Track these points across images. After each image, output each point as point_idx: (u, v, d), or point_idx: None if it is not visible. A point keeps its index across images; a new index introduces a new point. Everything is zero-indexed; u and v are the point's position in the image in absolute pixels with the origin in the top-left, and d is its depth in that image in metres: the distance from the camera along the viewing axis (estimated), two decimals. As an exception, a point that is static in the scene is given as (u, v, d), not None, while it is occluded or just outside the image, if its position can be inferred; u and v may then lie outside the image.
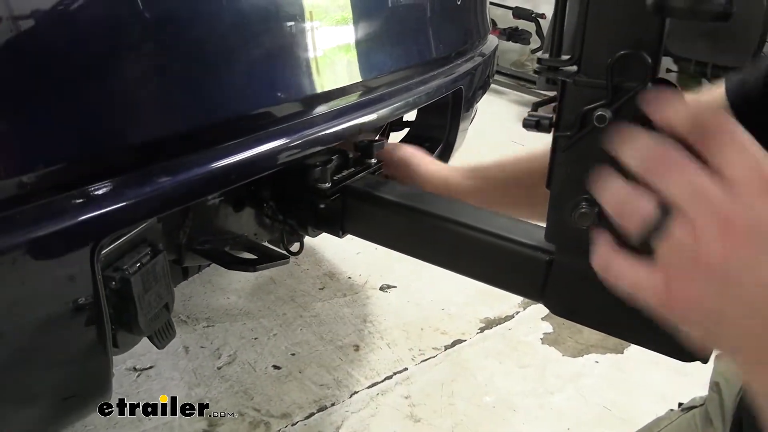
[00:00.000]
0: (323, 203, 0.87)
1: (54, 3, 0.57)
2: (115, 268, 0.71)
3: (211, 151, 0.68)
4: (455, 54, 1.28)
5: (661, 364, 2.19)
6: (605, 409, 1.99)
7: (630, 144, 0.44)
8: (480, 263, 0.76)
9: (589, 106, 0.50)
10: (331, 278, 2.54)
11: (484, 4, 1.58)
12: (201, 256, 0.95)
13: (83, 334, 0.67)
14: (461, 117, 1.34)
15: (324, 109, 0.84)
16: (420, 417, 1.89)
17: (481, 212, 0.78)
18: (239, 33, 0.73)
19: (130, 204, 0.61)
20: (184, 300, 2.33)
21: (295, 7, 0.81)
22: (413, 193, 0.86)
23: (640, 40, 0.48)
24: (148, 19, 0.64)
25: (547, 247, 0.66)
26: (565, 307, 0.66)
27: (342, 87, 0.88)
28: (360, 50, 0.92)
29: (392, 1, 1.01)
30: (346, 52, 0.89)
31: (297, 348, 2.13)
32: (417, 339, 2.23)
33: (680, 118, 0.42)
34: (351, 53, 0.90)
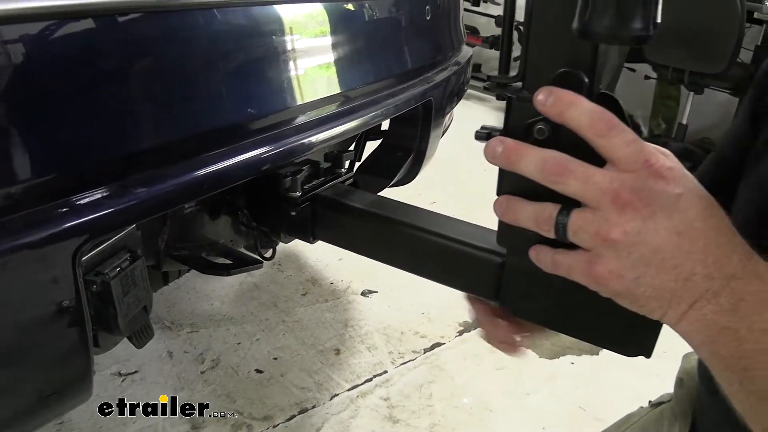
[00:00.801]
0: (294, 211, 0.91)
1: (38, 29, 0.62)
2: (96, 273, 0.76)
3: (184, 164, 0.74)
4: (424, 67, 1.33)
5: (636, 366, 2.23)
6: (580, 409, 2.05)
7: (524, 159, 0.50)
8: (439, 266, 0.81)
9: (531, 120, 0.54)
10: (313, 284, 2.59)
11: (456, 16, 1.63)
12: (178, 262, 1.00)
13: (65, 334, 0.72)
14: (432, 126, 1.39)
15: (290, 123, 0.89)
16: (399, 418, 1.94)
17: (440, 218, 0.83)
18: (208, 56, 0.78)
19: (107, 213, 0.66)
20: (168, 306, 2.37)
21: (264, 25, 0.86)
22: (378, 200, 0.91)
23: (576, 60, 0.52)
24: (126, 44, 0.69)
25: (500, 250, 0.69)
26: (517, 307, 0.69)
27: (308, 102, 0.93)
28: (326, 67, 0.97)
29: (359, 18, 1.06)
30: (312, 69, 0.94)
31: (279, 352, 2.17)
32: (397, 342, 2.28)
33: (579, 118, 0.48)
34: (317, 70, 0.95)
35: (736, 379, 0.49)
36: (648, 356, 0.61)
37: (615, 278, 0.49)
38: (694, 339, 0.50)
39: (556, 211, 0.50)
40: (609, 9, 0.45)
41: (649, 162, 0.47)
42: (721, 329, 0.48)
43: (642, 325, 0.56)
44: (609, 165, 0.48)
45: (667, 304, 0.49)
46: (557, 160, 0.49)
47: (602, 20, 0.45)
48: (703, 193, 0.50)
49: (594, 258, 0.49)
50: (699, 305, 0.48)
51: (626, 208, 0.47)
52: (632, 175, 0.47)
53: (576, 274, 0.51)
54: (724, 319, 0.48)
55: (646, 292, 0.49)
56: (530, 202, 0.53)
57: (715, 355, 0.49)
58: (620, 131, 0.48)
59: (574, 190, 0.48)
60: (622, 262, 0.48)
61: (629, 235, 0.47)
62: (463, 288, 0.79)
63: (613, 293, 0.51)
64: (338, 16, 1.01)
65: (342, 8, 1.02)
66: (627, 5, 0.45)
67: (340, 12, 1.01)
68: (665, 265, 0.47)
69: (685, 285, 0.48)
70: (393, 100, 1.12)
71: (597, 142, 0.48)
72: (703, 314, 0.48)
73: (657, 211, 0.47)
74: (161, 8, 0.71)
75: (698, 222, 0.48)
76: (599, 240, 0.48)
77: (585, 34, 0.46)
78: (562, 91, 0.49)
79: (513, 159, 0.51)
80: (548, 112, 0.50)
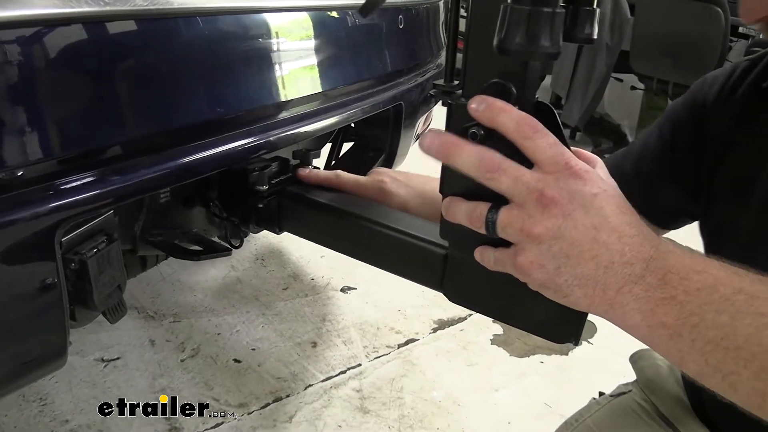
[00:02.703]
0: (261, 203, 0.98)
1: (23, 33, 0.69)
2: (75, 252, 0.83)
3: (156, 156, 0.82)
4: (395, 72, 1.41)
5: (603, 365, 2.32)
6: (546, 405, 2.11)
7: (463, 154, 0.56)
8: (391, 257, 0.86)
9: (467, 124, 0.58)
10: (294, 279, 2.66)
11: (434, 24, 1.71)
12: (153, 246, 1.07)
13: (45, 307, 0.79)
14: (402, 128, 1.47)
15: (257, 122, 0.97)
16: (369, 409, 2.00)
17: (393, 213, 0.90)
18: (183, 59, 0.86)
19: (84, 197, 0.74)
20: (152, 297, 2.44)
21: (234, 30, 0.94)
22: (340, 196, 0.97)
23: (507, 71, 0.58)
24: (103, 45, 0.77)
25: (444, 243, 0.74)
26: (459, 296, 0.74)
27: (276, 103, 1.01)
28: (291, 72, 1.05)
29: (328, 25, 1.13)
30: (275, 74, 1.02)
31: (258, 343, 2.24)
32: (372, 337, 2.35)
33: (507, 123, 0.54)
34: (286, 74, 1.03)
35: (687, 341, 0.51)
36: (576, 343, 0.66)
37: (537, 268, 0.54)
38: (632, 319, 0.53)
39: (486, 209, 0.56)
40: (520, 28, 0.50)
41: (569, 164, 0.53)
42: (659, 301, 0.52)
43: (569, 315, 0.61)
44: (535, 167, 0.54)
45: (593, 292, 0.53)
46: (493, 158, 0.54)
47: (514, 38, 0.51)
48: (616, 193, 0.55)
49: (519, 251, 0.55)
50: (627, 288, 0.52)
51: (548, 206, 0.52)
52: (554, 176, 0.52)
53: (507, 267, 0.57)
54: (658, 293, 0.52)
55: (568, 281, 0.53)
56: (465, 201, 0.59)
57: (659, 326, 0.52)
58: (543, 135, 0.53)
59: (505, 187, 0.53)
60: (543, 254, 0.53)
61: (550, 230, 0.52)
62: (412, 277, 0.83)
63: (538, 283, 0.55)
64: (304, 24, 1.09)
65: (311, 16, 1.09)
66: (535, 25, 0.50)
67: (308, 20, 1.09)
68: (583, 256, 0.52)
69: (606, 273, 0.52)
70: (360, 103, 1.20)
71: (523, 144, 0.53)
72: (634, 295, 0.52)
73: (576, 208, 0.52)
74: (137, 15, 0.78)
75: (613, 217, 0.53)
76: (524, 235, 0.53)
77: (502, 50, 0.52)
78: (493, 99, 0.55)
79: (451, 153, 0.56)
80: (480, 118, 0.55)
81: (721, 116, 0.88)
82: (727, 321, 0.50)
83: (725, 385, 0.51)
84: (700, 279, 0.52)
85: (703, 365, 0.52)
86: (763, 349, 0.49)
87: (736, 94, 0.87)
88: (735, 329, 0.50)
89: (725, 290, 0.51)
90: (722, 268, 0.53)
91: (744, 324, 0.50)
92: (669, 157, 0.96)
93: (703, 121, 0.91)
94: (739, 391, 0.51)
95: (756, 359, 0.49)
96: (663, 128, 0.97)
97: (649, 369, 1.09)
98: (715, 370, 0.51)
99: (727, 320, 0.50)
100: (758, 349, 0.49)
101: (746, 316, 0.50)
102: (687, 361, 0.53)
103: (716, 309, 0.51)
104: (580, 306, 0.55)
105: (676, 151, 0.95)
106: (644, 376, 1.09)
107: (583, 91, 4.70)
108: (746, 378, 0.50)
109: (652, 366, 1.09)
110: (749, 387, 0.50)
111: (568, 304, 0.56)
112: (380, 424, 1.95)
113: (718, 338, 0.50)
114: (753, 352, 0.49)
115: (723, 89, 0.89)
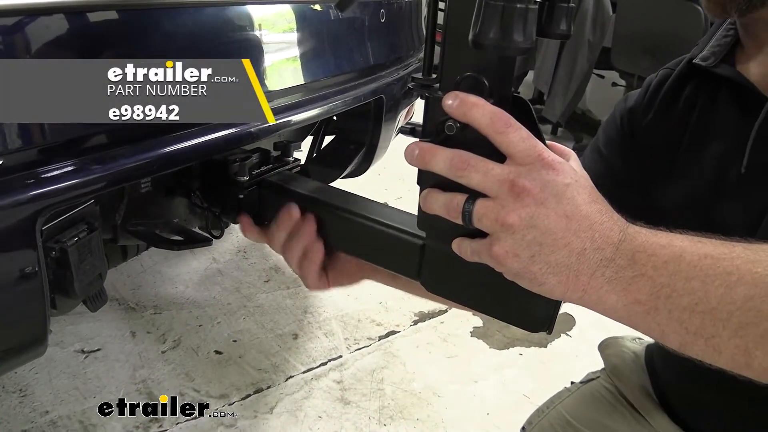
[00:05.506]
0: (242, 194, 0.99)
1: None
2: (56, 241, 0.83)
3: (137, 145, 0.82)
4: (377, 66, 1.42)
5: (582, 357, 2.35)
6: (524, 397, 2.14)
7: (435, 158, 0.58)
8: (370, 247, 0.87)
9: (443, 117, 0.60)
10: (276, 272, 2.67)
11: (416, 18, 1.72)
12: (133, 236, 1.08)
13: (25, 295, 0.80)
14: (383, 122, 1.48)
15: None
16: (350, 400, 2.02)
17: (372, 204, 0.90)
18: (163, 49, 0.87)
19: (64, 186, 0.75)
20: (133, 288, 2.44)
21: (220, 21, 0.95)
22: (320, 187, 0.98)
23: (481, 66, 0.59)
24: (93, 35, 0.78)
25: (421, 234, 0.74)
26: (436, 286, 0.75)
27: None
28: (277, 62, 1.06)
29: (311, 18, 1.15)
30: (262, 63, 1.03)
31: (239, 335, 2.25)
32: (353, 329, 2.37)
33: (480, 118, 0.56)
34: (268, 65, 1.04)
35: (664, 312, 0.53)
36: (549, 332, 0.66)
37: (512, 257, 0.55)
38: (607, 301, 0.55)
39: (464, 200, 0.57)
40: (494, 23, 0.52)
41: (542, 156, 0.54)
42: (630, 280, 0.53)
43: (543, 304, 0.62)
44: (508, 160, 0.55)
45: (566, 279, 0.54)
46: (461, 157, 0.55)
47: (489, 33, 0.52)
48: (588, 183, 0.57)
49: (494, 241, 0.56)
50: (599, 273, 0.54)
51: (521, 195, 0.53)
52: (527, 167, 0.54)
53: (483, 257, 0.58)
54: (628, 272, 0.53)
55: (542, 269, 0.54)
56: (443, 192, 0.60)
57: (634, 303, 0.54)
58: (516, 129, 0.54)
59: (476, 182, 0.55)
60: (517, 243, 0.54)
61: (524, 219, 0.53)
62: (390, 267, 0.84)
63: (513, 273, 0.56)
64: (287, 17, 1.10)
65: (293, 8, 1.10)
66: (509, 20, 0.52)
67: (290, 12, 1.10)
68: (557, 244, 0.53)
69: (579, 259, 0.53)
70: (342, 96, 1.21)
71: (496, 138, 0.55)
72: (606, 278, 0.54)
73: (548, 197, 0.53)
74: (118, 6, 0.79)
75: (584, 206, 0.54)
76: (498, 225, 0.54)
77: (476, 45, 0.53)
78: (466, 95, 0.56)
79: (426, 159, 0.58)
80: (454, 113, 0.56)
81: (649, 114, 0.93)
82: (698, 286, 0.52)
83: (709, 349, 0.53)
84: (667, 252, 0.53)
85: (683, 334, 0.53)
86: (737, 306, 0.51)
87: (659, 93, 0.94)
88: (707, 292, 0.51)
89: (691, 258, 0.53)
90: (686, 238, 0.55)
91: (714, 286, 0.51)
92: (615, 178, 0.98)
93: (634, 126, 0.96)
94: (724, 352, 0.52)
95: (732, 317, 0.51)
96: (601, 150, 1.01)
97: (615, 357, 1.14)
98: (696, 336, 0.53)
99: (698, 285, 0.52)
100: (732, 307, 0.51)
101: (715, 278, 0.51)
102: (668, 333, 0.54)
103: (686, 276, 0.52)
104: (554, 294, 0.56)
105: (616, 166, 0.98)
106: (611, 363, 1.13)
107: (565, 87, 4.73)
108: (727, 337, 0.51)
109: (619, 354, 1.14)
110: (732, 346, 0.51)
111: (543, 293, 0.57)
112: (360, 415, 1.97)
113: (692, 304, 0.52)
114: (728, 311, 0.51)
115: (645, 94, 0.95)
